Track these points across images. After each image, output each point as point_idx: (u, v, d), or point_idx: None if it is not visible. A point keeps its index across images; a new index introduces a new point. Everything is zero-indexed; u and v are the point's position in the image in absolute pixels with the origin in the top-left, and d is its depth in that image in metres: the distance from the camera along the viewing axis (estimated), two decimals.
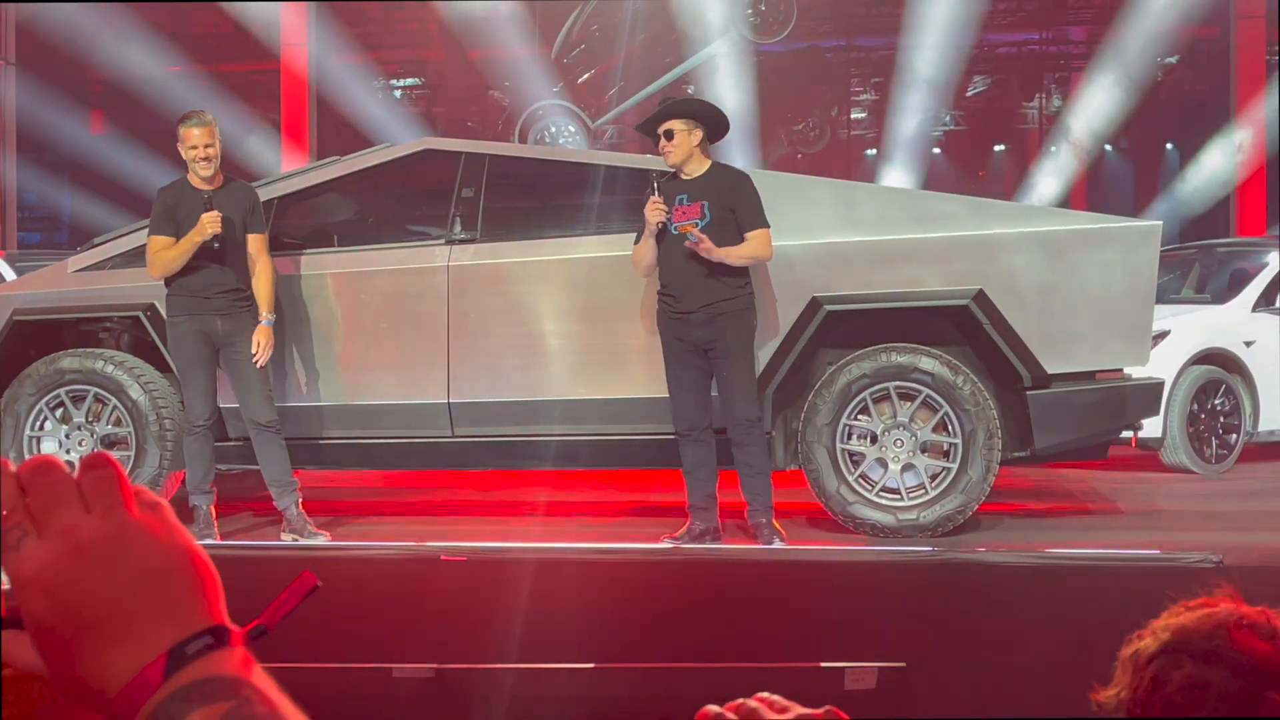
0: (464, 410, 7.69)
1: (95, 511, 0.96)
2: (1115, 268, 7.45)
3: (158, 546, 0.96)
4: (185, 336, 7.35)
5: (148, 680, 0.93)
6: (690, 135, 7.01)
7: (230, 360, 7.41)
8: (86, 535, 0.95)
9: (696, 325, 6.99)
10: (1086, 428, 7.55)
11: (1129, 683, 1.76)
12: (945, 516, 7.23)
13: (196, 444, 7.42)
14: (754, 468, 7.06)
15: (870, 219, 7.61)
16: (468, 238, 7.79)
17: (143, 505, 0.98)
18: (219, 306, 7.34)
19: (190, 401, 7.40)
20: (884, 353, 7.35)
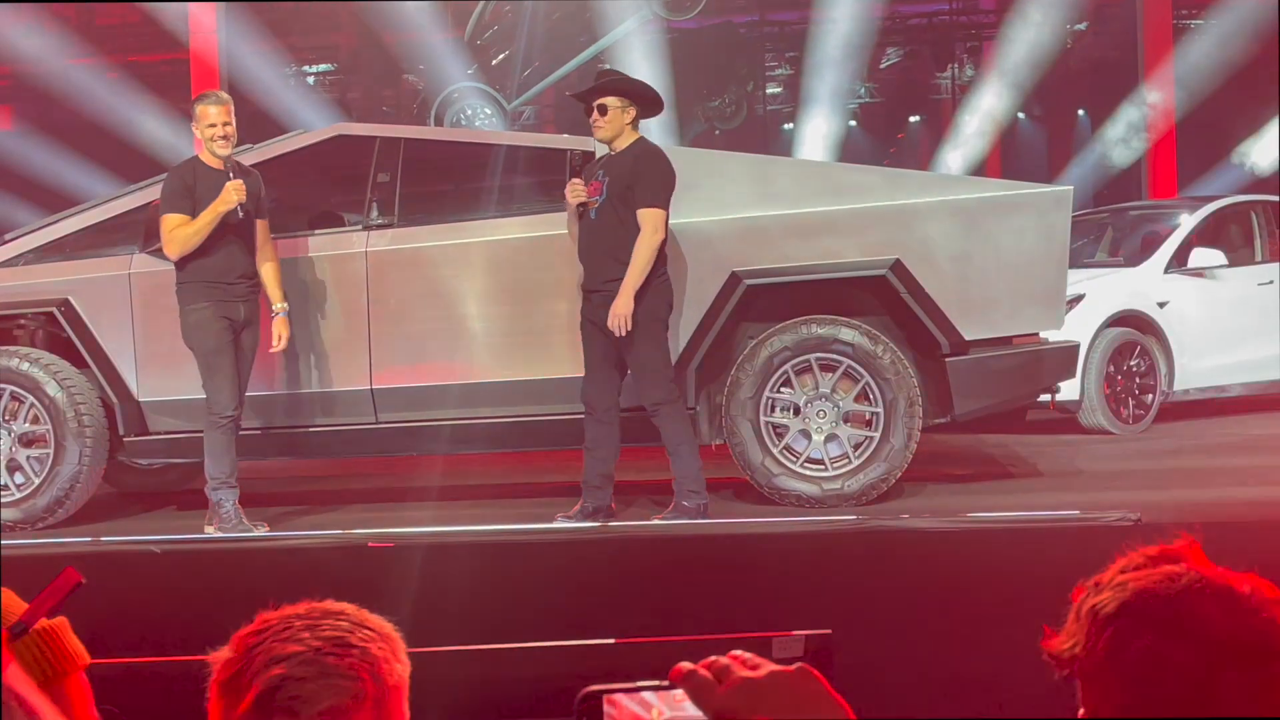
0: (387, 396, 7.66)
1: None
2: (1028, 233, 7.55)
3: None
4: (209, 324, 7.19)
5: None
6: (624, 113, 7.01)
7: (239, 347, 7.30)
8: None
9: (597, 304, 7.01)
10: (1005, 392, 7.66)
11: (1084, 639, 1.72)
12: (869, 485, 7.30)
13: (223, 437, 7.24)
14: (671, 446, 7.05)
15: (786, 192, 7.65)
16: (385, 223, 7.75)
17: None
18: (241, 292, 7.25)
19: (215, 392, 7.21)
20: (804, 325, 7.39)
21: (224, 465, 7.24)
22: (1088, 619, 1.71)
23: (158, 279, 7.68)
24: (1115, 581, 1.71)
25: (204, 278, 7.21)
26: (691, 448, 7.10)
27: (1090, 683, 1.70)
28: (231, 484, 7.25)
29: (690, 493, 7.02)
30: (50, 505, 7.61)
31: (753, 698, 1.31)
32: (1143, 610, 1.66)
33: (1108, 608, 1.69)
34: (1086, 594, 1.74)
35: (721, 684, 1.34)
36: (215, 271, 7.20)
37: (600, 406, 7.08)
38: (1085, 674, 1.71)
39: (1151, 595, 1.67)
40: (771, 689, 1.32)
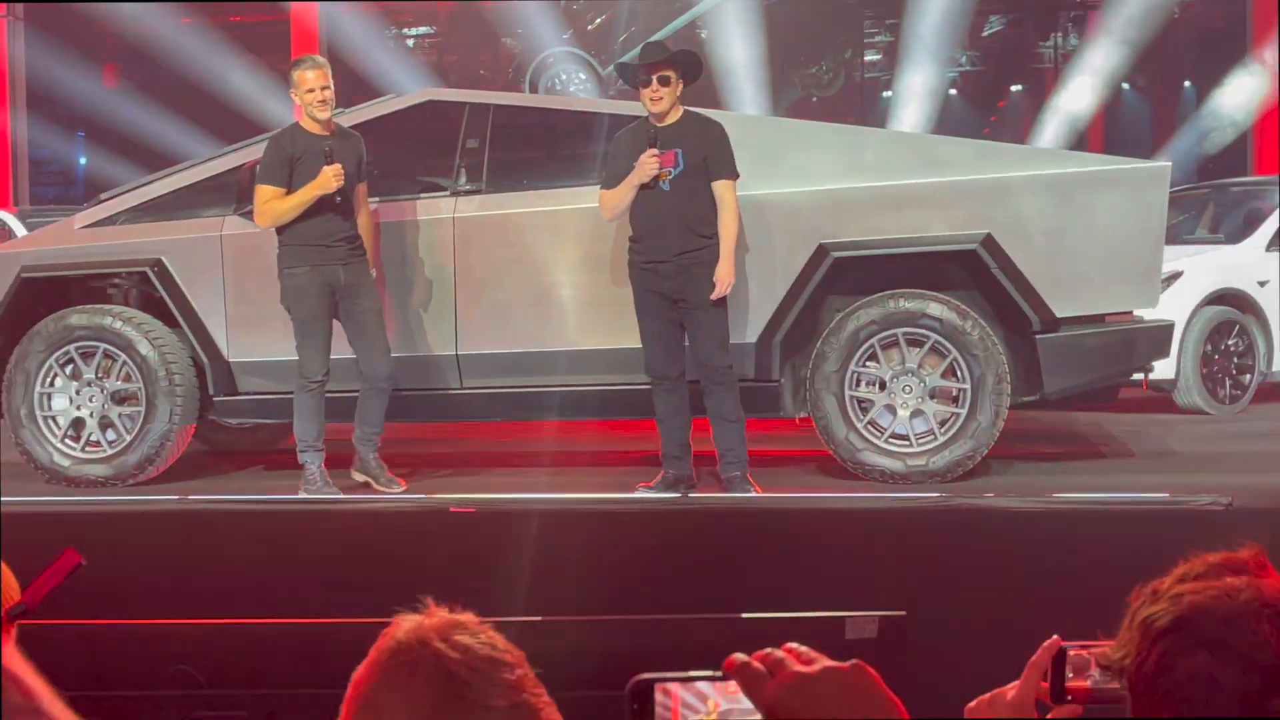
0: (472, 362, 7.69)
1: None
2: (1124, 209, 7.40)
3: None
4: (307, 289, 7.22)
5: None
6: (679, 86, 7.01)
7: (352, 312, 7.30)
8: None
9: (666, 276, 6.98)
10: (1095, 371, 7.54)
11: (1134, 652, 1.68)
12: (954, 462, 7.22)
13: (312, 401, 7.29)
14: (725, 417, 7.03)
15: (877, 164, 7.57)
16: (473, 189, 7.76)
17: None
18: (341, 255, 7.26)
19: (307, 357, 7.26)
20: (892, 299, 7.31)
21: (311, 429, 7.30)
22: (1140, 631, 1.67)
23: (249, 241, 7.76)
24: (1172, 592, 1.66)
25: (302, 241, 7.23)
26: (742, 420, 7.08)
27: (1139, 697, 1.66)
28: (318, 448, 7.31)
29: (738, 463, 7.02)
30: (140, 462, 7.72)
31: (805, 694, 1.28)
32: (1196, 628, 1.61)
33: (1160, 621, 1.65)
34: (1143, 601, 1.70)
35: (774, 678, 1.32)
36: (314, 235, 7.22)
37: (670, 376, 7.08)
38: (1135, 687, 1.67)
39: (1206, 612, 1.62)
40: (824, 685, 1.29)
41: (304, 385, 7.28)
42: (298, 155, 7.18)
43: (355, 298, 7.29)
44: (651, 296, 7.04)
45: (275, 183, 7.18)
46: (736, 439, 7.03)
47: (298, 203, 7.13)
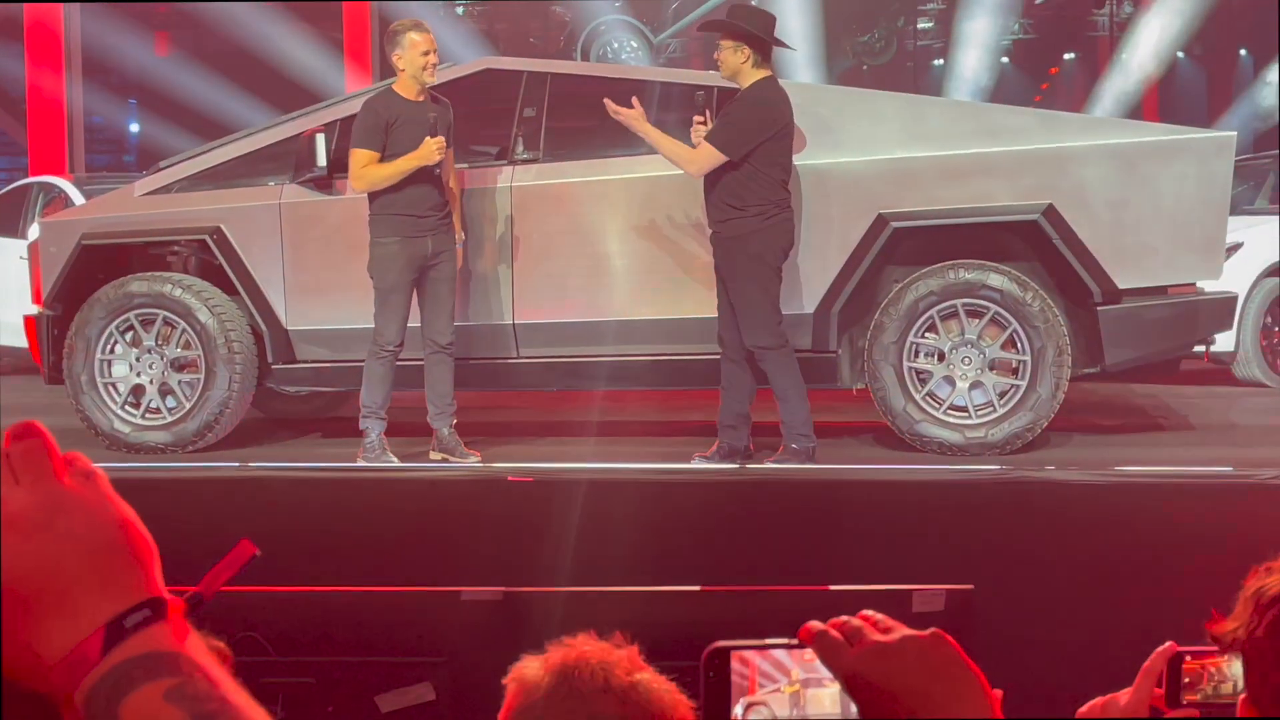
0: (529, 331, 7.69)
1: (24, 483, 0.93)
2: (1188, 180, 7.32)
3: (91, 517, 0.94)
4: (395, 259, 7.21)
5: (85, 654, 0.91)
6: (736, 53, 6.94)
7: (431, 280, 7.30)
8: (15, 508, 0.92)
9: (713, 247, 7.02)
10: (1158, 343, 7.47)
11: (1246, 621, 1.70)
12: (1014, 434, 7.17)
13: (382, 368, 7.30)
14: (780, 394, 6.97)
15: (937, 133, 7.51)
16: (530, 158, 7.75)
17: (74, 474, 0.95)
18: (431, 225, 7.25)
19: (384, 325, 7.26)
20: (952, 269, 7.26)
21: (377, 395, 7.32)
22: (1252, 602, 1.70)
23: (307, 209, 7.78)
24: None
25: (395, 210, 7.20)
26: (800, 394, 6.99)
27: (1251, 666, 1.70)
28: (381, 415, 7.33)
29: (800, 436, 6.95)
30: (200, 430, 7.77)
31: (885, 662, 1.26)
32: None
33: (1272, 590, 1.69)
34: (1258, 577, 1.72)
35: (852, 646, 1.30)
36: (406, 204, 7.19)
37: (730, 346, 7.04)
38: (1248, 657, 1.70)
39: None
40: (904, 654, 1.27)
41: (377, 351, 7.30)
42: (393, 120, 7.15)
43: (438, 265, 7.29)
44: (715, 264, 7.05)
45: (371, 146, 7.14)
46: (793, 413, 6.98)
47: (397, 170, 7.09)
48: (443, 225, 7.31)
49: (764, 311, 6.93)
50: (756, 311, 6.92)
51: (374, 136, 7.15)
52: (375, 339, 7.29)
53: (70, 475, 0.95)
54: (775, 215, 6.89)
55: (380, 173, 7.13)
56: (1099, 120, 12.24)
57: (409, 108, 7.17)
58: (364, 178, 7.18)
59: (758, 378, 7.06)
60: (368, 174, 7.15)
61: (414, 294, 7.32)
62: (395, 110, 7.18)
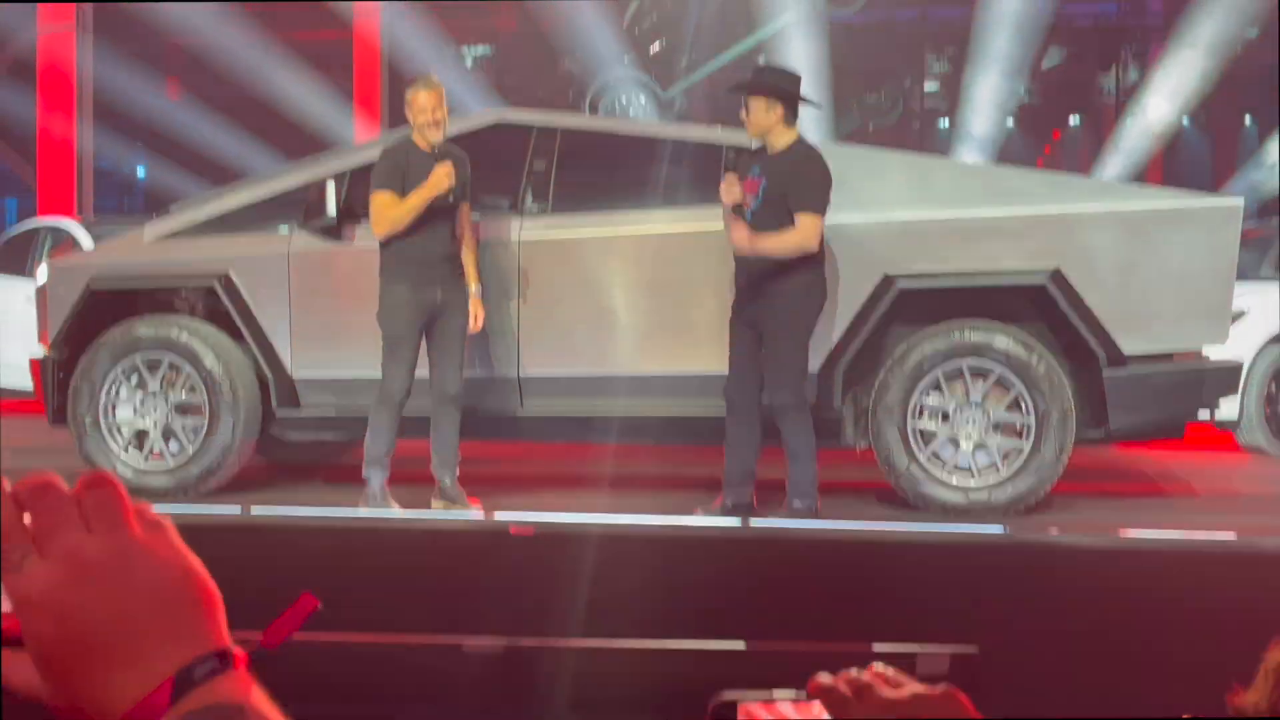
0: (533, 384, 7.69)
1: (97, 532, 0.93)
2: (1195, 247, 7.33)
3: (161, 567, 0.94)
4: (402, 306, 7.22)
5: (153, 705, 0.91)
6: (768, 111, 6.91)
7: (440, 331, 7.31)
8: (90, 556, 0.92)
9: (747, 302, 6.95)
10: (1163, 408, 7.45)
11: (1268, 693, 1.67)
12: (1018, 496, 7.16)
13: (389, 416, 7.28)
14: (790, 450, 6.95)
15: (945, 194, 7.53)
16: (539, 210, 7.78)
17: (145, 524, 0.96)
18: (440, 275, 7.26)
19: (391, 372, 7.25)
20: (957, 330, 7.28)
21: (381, 444, 7.31)
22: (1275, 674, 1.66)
23: (316, 257, 7.81)
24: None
25: (405, 257, 7.22)
26: (811, 454, 6.98)
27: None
28: (385, 464, 7.32)
29: (804, 495, 6.94)
30: (202, 474, 7.77)
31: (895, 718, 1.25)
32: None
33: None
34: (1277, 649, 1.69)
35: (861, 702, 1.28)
36: (416, 252, 7.21)
37: (742, 405, 7.02)
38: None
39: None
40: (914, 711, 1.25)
41: (382, 400, 7.29)
42: (409, 169, 7.18)
43: (447, 316, 7.29)
44: (736, 322, 7.02)
45: (392, 188, 7.14)
46: (801, 472, 6.97)
47: (412, 206, 7.10)
48: (453, 276, 7.32)
49: (797, 369, 6.94)
50: (790, 369, 6.92)
51: (393, 178, 7.17)
52: (381, 387, 7.29)
53: (140, 525, 0.95)
54: (818, 273, 6.92)
55: (398, 211, 7.13)
56: (1107, 184, 12.28)
57: (424, 159, 7.21)
58: (384, 219, 7.17)
59: (764, 436, 7.05)
60: (386, 214, 7.15)
61: (420, 344, 7.32)
62: (412, 159, 7.21)
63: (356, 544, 6.32)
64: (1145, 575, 5.46)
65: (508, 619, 5.04)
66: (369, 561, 5.85)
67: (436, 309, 7.26)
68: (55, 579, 0.92)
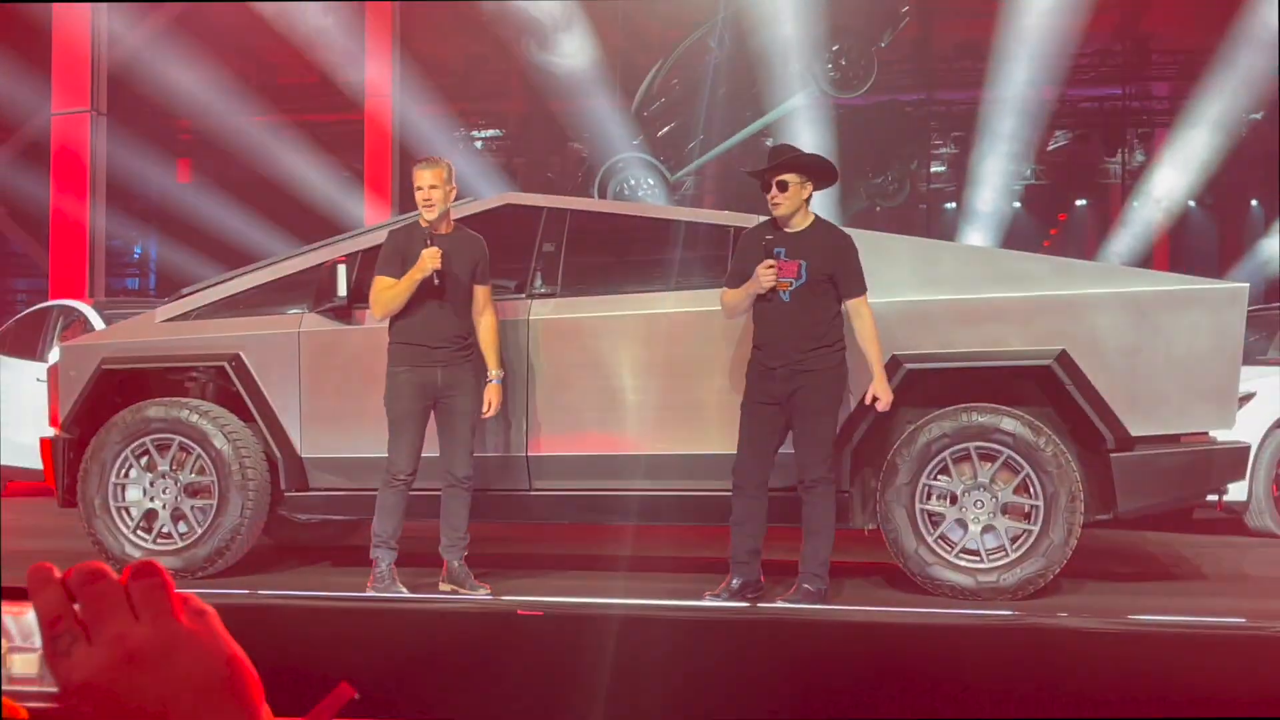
0: (542, 464, 7.71)
1: (144, 619, 0.96)
2: (1201, 329, 7.36)
3: (205, 655, 0.97)
4: (403, 388, 7.29)
5: None
6: (802, 189, 7.03)
7: (445, 412, 7.35)
8: (136, 643, 0.95)
9: (779, 380, 6.98)
10: (1171, 491, 7.44)
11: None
12: (1026, 579, 7.14)
13: (395, 497, 7.31)
14: (811, 526, 6.98)
15: (951, 277, 7.57)
16: (548, 292, 7.83)
17: (190, 613, 0.98)
18: (441, 358, 7.31)
19: (396, 454, 7.30)
20: (965, 412, 7.29)
21: (389, 525, 7.32)
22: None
23: (325, 338, 7.85)
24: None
25: (406, 339, 7.31)
26: (830, 532, 7.01)
27: None
28: (392, 546, 7.32)
29: (815, 576, 6.94)
30: (211, 555, 7.77)
31: None
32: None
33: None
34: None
35: None
36: (416, 335, 7.29)
37: (752, 483, 7.04)
38: None
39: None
40: None
41: (389, 480, 7.32)
42: (411, 252, 7.27)
43: (452, 398, 7.33)
44: (759, 400, 7.04)
45: (388, 273, 7.28)
46: (815, 552, 6.97)
47: (401, 289, 7.20)
48: (458, 358, 7.36)
49: (829, 444, 7.02)
50: (824, 444, 6.99)
51: (389, 265, 7.29)
52: (387, 468, 7.32)
53: (186, 613, 0.98)
54: (845, 351, 7.02)
55: (389, 294, 7.25)
56: (1112, 268, 12.31)
57: (421, 236, 7.28)
58: (378, 302, 7.30)
59: (770, 514, 7.07)
60: (381, 297, 7.28)
61: (425, 425, 7.35)
62: (414, 241, 7.29)
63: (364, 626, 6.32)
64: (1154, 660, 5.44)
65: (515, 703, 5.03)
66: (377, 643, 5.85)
67: (438, 391, 7.31)
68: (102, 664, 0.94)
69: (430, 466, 7.37)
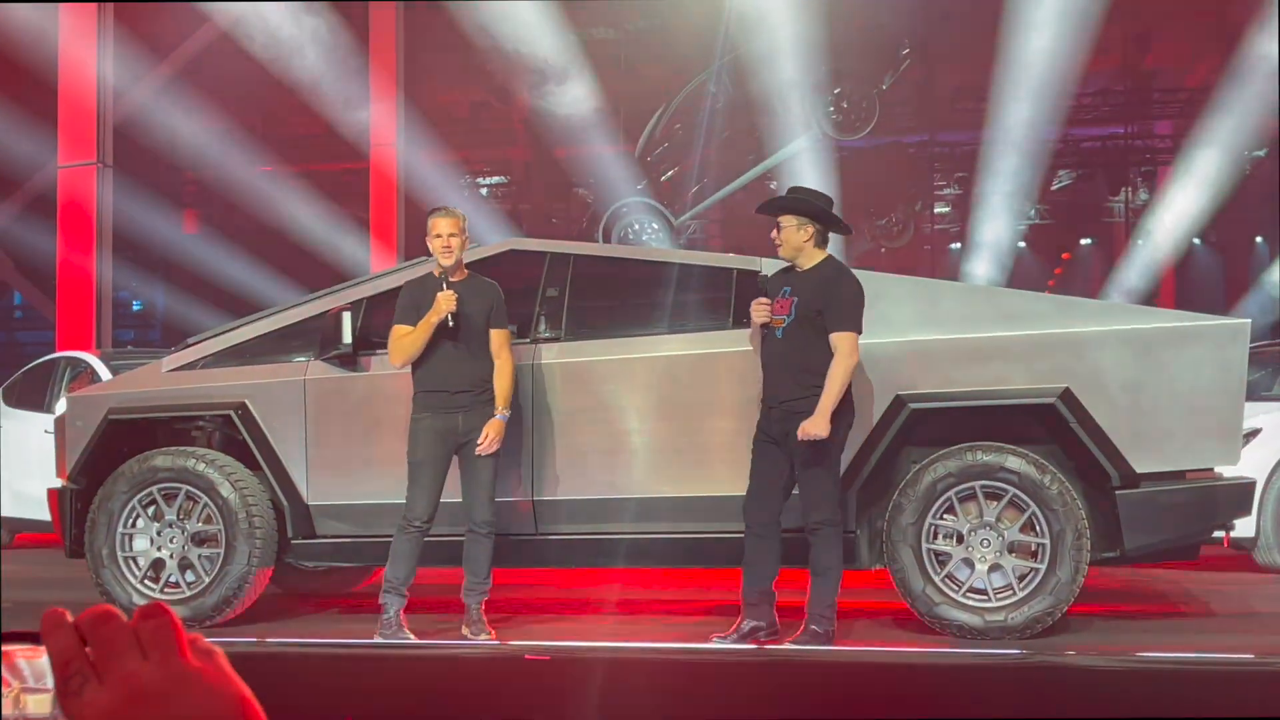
0: (547, 508, 7.71)
1: (152, 660, 0.98)
2: (1204, 365, 7.36)
3: (212, 695, 0.98)
4: (425, 434, 7.31)
5: None
6: (799, 231, 7.03)
7: (466, 458, 7.38)
8: (144, 683, 0.97)
9: (775, 420, 6.98)
10: (1177, 528, 7.43)
11: None
12: (1034, 618, 7.13)
13: (410, 543, 7.32)
14: (816, 568, 6.94)
15: (954, 317, 7.59)
16: (552, 336, 7.85)
17: (197, 653, 1.00)
18: (462, 403, 7.34)
19: (414, 499, 7.31)
20: (970, 451, 7.29)
21: (401, 570, 7.32)
22: None
23: (331, 385, 7.88)
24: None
25: (427, 386, 7.34)
26: (838, 575, 6.97)
27: None
28: (402, 592, 7.32)
29: (822, 618, 6.90)
30: (218, 604, 7.77)
31: None
32: None
33: None
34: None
35: None
36: (435, 381, 7.33)
37: (759, 522, 7.02)
38: None
39: None
40: None
41: (404, 526, 7.32)
42: (425, 299, 7.32)
43: (473, 443, 7.35)
44: (762, 439, 7.05)
45: (405, 321, 7.33)
46: (819, 594, 6.93)
47: (417, 335, 7.25)
48: (478, 403, 7.36)
49: (830, 486, 6.95)
50: (824, 486, 6.93)
51: (407, 313, 7.33)
52: (405, 514, 7.33)
53: (194, 653, 1.00)
54: (849, 394, 6.98)
55: (404, 341, 7.29)
56: (1114, 306, 12.33)
57: (436, 284, 7.32)
58: (396, 350, 7.34)
59: (782, 555, 7.05)
60: (399, 345, 7.32)
61: (445, 471, 7.36)
62: (428, 288, 7.33)
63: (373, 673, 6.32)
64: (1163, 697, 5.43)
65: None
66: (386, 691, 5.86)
67: (459, 436, 7.32)
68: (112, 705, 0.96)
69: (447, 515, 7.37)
